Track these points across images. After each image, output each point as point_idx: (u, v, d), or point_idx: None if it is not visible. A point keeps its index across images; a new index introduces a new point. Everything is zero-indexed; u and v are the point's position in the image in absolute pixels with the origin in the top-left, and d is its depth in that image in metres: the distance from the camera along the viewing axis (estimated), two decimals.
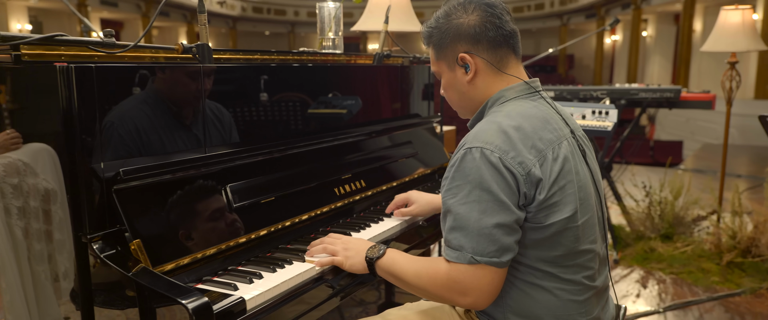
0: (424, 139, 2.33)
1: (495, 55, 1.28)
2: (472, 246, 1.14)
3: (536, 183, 1.15)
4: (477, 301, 1.18)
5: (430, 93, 2.43)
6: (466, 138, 1.21)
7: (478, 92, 1.31)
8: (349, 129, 1.92)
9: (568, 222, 1.18)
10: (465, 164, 1.16)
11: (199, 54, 1.39)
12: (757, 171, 6.97)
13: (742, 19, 3.35)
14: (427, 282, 1.21)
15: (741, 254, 3.37)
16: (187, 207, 1.27)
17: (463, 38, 1.27)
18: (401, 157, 2.10)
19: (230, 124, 1.47)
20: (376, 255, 1.31)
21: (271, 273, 1.30)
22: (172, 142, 1.32)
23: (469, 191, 1.15)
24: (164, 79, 1.29)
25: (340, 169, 1.79)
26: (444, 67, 1.34)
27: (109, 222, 1.17)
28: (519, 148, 1.15)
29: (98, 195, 1.16)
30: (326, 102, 1.84)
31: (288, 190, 1.55)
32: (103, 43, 1.20)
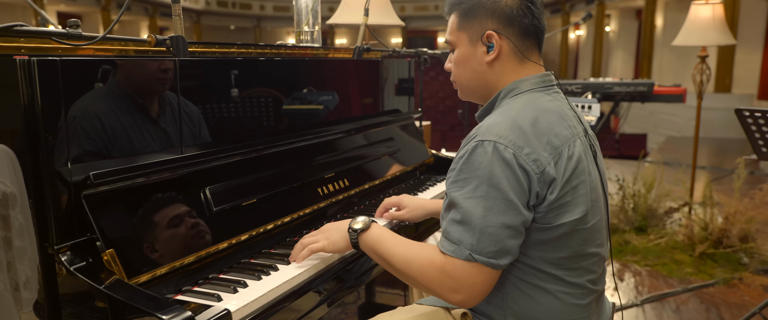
0: (406, 135, 2.27)
1: (522, 44, 1.21)
2: (471, 243, 1.08)
3: (549, 182, 1.10)
4: (467, 300, 1.12)
5: (411, 88, 2.37)
6: (478, 129, 1.14)
7: (495, 76, 1.23)
8: (329, 126, 1.84)
9: (577, 223, 1.13)
10: (475, 157, 1.09)
11: (173, 47, 1.29)
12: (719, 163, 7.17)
13: (713, 13, 3.39)
14: (417, 271, 1.14)
15: (713, 245, 3.43)
16: (163, 213, 1.18)
17: (497, 15, 1.19)
18: (383, 154, 2.03)
19: (200, 121, 1.37)
20: (359, 228, 1.25)
21: (257, 281, 1.22)
22: (145, 142, 1.22)
23: (476, 185, 1.08)
24: (136, 74, 1.19)
25: (322, 168, 1.71)
26: (464, 40, 1.24)
27: (77, 231, 1.07)
28: (534, 145, 1.09)
29: (65, 201, 1.06)
30: (306, 98, 1.76)
31: (269, 192, 1.47)
32: (69, 34, 1.09)
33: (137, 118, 1.20)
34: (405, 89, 2.33)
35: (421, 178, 2.24)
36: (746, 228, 3.36)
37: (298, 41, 2.14)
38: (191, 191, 1.27)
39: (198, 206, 1.26)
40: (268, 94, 1.58)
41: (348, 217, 1.69)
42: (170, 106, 1.27)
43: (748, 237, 3.37)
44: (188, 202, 1.25)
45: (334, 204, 1.69)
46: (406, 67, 2.34)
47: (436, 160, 2.36)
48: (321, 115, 1.82)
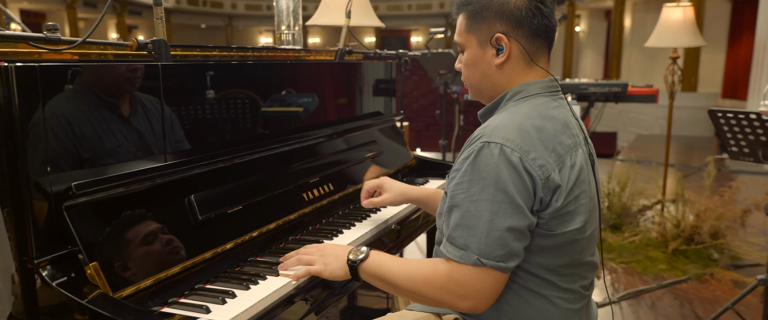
0: (388, 138, 2.25)
1: (532, 45, 1.19)
2: (479, 248, 1.07)
3: (554, 189, 1.09)
4: (476, 305, 1.11)
5: (392, 89, 2.36)
6: (483, 131, 1.12)
7: (504, 79, 1.21)
8: (312, 130, 1.82)
9: (577, 233, 1.13)
10: (481, 159, 1.08)
11: (155, 51, 1.26)
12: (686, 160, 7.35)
13: (684, 15, 3.47)
14: (423, 285, 1.13)
15: (685, 242, 3.51)
16: (148, 223, 1.14)
17: (506, 17, 1.17)
18: (366, 157, 2.02)
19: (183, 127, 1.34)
20: (359, 258, 1.21)
21: (245, 291, 1.19)
22: (127, 150, 1.18)
23: (482, 188, 1.07)
24: (118, 80, 1.15)
25: (307, 173, 1.69)
26: (473, 42, 1.22)
27: (58, 243, 1.03)
28: (540, 151, 1.09)
29: (45, 213, 1.01)
30: (290, 101, 1.73)
31: (254, 199, 1.44)
32: (48, 39, 1.05)
33: (119, 126, 1.16)
34: (386, 91, 2.32)
35: (403, 181, 2.23)
36: (716, 225, 3.45)
37: (279, 43, 2.11)
38: (176, 200, 1.23)
39: (183, 215, 1.23)
40: (251, 98, 1.55)
41: (335, 223, 1.68)
42: (153, 113, 1.23)
43: (718, 233, 3.46)
44: (173, 211, 1.21)
45: (317, 209, 1.67)
46: (388, 68, 2.32)
47: (418, 162, 2.36)
48: (304, 119, 1.79)
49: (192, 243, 1.22)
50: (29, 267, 1.00)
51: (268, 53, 1.82)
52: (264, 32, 23.96)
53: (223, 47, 1.61)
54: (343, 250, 1.26)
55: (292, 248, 1.41)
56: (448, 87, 4.23)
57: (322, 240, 1.51)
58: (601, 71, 16.50)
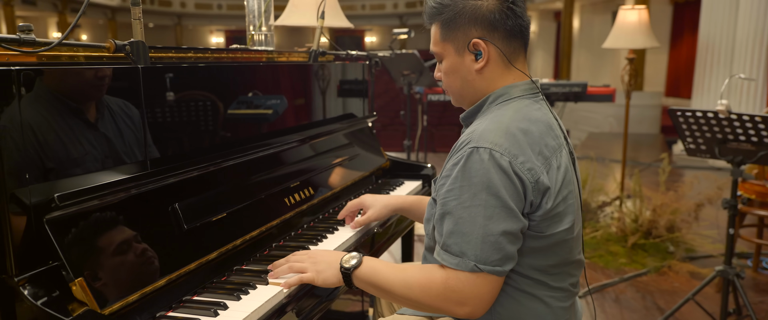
0: (363, 140, 2.24)
1: (508, 46, 1.19)
2: (475, 254, 1.06)
3: (544, 191, 1.10)
4: (474, 311, 1.11)
5: (365, 91, 2.34)
6: (470, 136, 1.12)
7: (485, 83, 1.21)
8: (289, 133, 1.78)
9: (566, 233, 1.15)
10: (471, 164, 1.08)
11: (133, 53, 1.19)
12: (635, 157, 7.63)
13: (639, 18, 3.60)
14: (419, 292, 1.12)
15: (643, 236, 3.64)
16: (133, 233, 1.09)
17: (480, 22, 1.16)
18: (344, 160, 1.99)
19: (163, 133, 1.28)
20: (353, 265, 1.19)
21: (236, 302, 1.15)
22: (107, 157, 1.12)
23: (474, 194, 1.07)
24: (96, 84, 1.09)
25: (287, 178, 1.65)
26: (450, 50, 1.21)
27: (38, 259, 0.96)
28: (528, 154, 1.09)
29: (23, 227, 0.95)
30: (265, 104, 1.69)
31: (237, 205, 1.39)
32: (21, 40, 0.98)
33: (96, 132, 1.10)
34: (359, 92, 2.30)
35: (379, 183, 2.21)
36: (672, 219, 3.59)
37: (251, 43, 2.05)
38: (160, 209, 1.18)
39: (168, 224, 1.18)
40: (225, 102, 1.50)
41: (316, 227, 1.65)
42: (134, 118, 1.17)
43: (674, 227, 3.60)
44: (158, 221, 1.16)
45: (298, 214, 1.63)
46: (360, 70, 2.31)
47: (391, 163, 2.35)
48: (281, 123, 1.75)
49: (177, 254, 1.17)
50: (10, 284, 0.93)
51: (243, 55, 1.77)
52: (215, 32, 23.45)
53: (198, 48, 1.55)
54: (334, 257, 1.24)
55: (277, 255, 1.38)
56: (411, 87, 4.24)
57: (308, 246, 1.48)
58: (552, 71, 16.96)
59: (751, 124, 2.37)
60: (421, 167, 2.36)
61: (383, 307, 1.68)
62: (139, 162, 1.18)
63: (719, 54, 6.18)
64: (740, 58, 5.96)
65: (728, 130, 2.45)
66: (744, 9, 5.86)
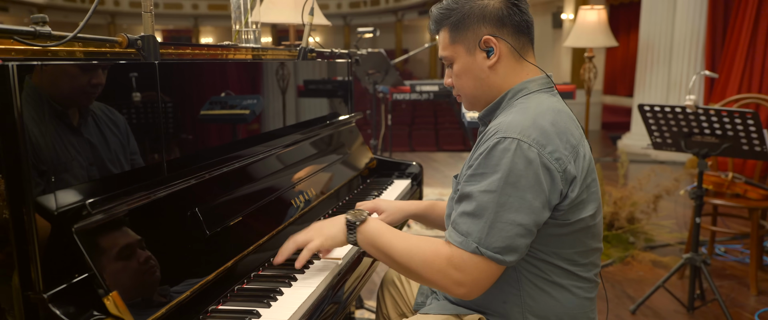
0: (352, 139, 2.20)
1: (518, 42, 1.20)
2: (480, 236, 1.08)
3: (571, 180, 1.11)
4: (469, 293, 1.12)
5: (350, 89, 2.31)
6: (498, 126, 1.12)
7: (498, 79, 1.22)
8: (286, 134, 1.72)
9: (590, 219, 1.17)
10: (496, 153, 1.08)
11: (145, 48, 1.12)
12: None
13: (598, 18, 3.73)
14: (420, 264, 1.13)
15: (606, 228, 3.78)
16: (158, 241, 1.01)
17: (488, 20, 1.18)
18: (338, 160, 1.95)
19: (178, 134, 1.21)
20: (358, 218, 1.21)
21: (267, 309, 1.09)
22: (124, 159, 1.04)
23: (492, 181, 1.08)
24: (115, 80, 1.01)
25: (289, 179, 1.59)
26: (461, 51, 1.22)
27: (63, 273, 0.88)
28: (556, 143, 1.10)
29: (47, 237, 0.86)
30: (261, 104, 1.62)
31: (249, 208, 1.33)
32: (37, 33, 0.89)
33: (115, 131, 1.02)
34: (344, 91, 2.26)
35: (368, 182, 2.18)
36: (632, 211, 3.75)
37: (237, 40, 1.97)
38: (181, 214, 1.10)
39: (190, 230, 1.11)
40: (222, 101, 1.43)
41: None
42: (151, 116, 1.09)
43: (634, 218, 3.76)
44: (181, 227, 1.09)
45: (301, 217, 1.57)
46: (345, 68, 2.27)
47: (378, 163, 2.32)
48: (279, 123, 1.70)
49: (201, 261, 1.10)
50: (34, 301, 0.84)
51: (235, 52, 1.69)
52: None
53: (195, 45, 1.47)
54: (338, 218, 1.26)
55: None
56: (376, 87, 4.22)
57: None
58: None
59: (716, 117, 2.50)
60: (407, 165, 2.35)
61: (389, 309, 1.66)
62: (156, 164, 1.10)
63: (659, 53, 6.51)
64: (678, 56, 6.30)
65: (694, 124, 2.58)
66: (681, 10, 6.20)
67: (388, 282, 1.66)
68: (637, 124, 6.94)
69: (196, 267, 1.07)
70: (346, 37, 20.61)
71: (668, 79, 6.43)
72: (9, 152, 0.80)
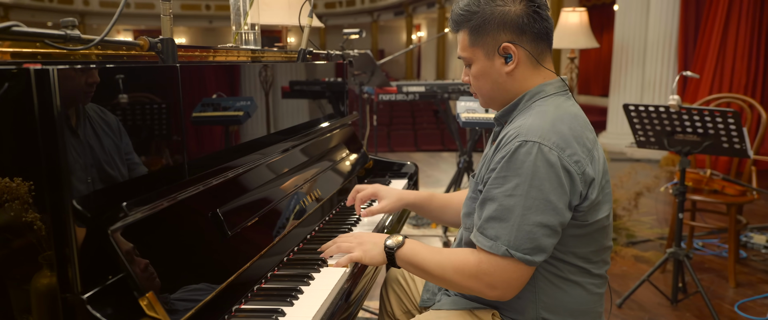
0: (350, 140, 2.22)
1: (536, 48, 1.23)
2: (509, 239, 1.11)
3: (590, 182, 1.15)
4: (503, 294, 1.16)
5: (346, 90, 2.33)
6: (518, 130, 1.15)
7: (515, 84, 1.25)
8: (292, 135, 1.74)
9: (605, 220, 1.21)
10: (518, 156, 1.12)
11: (163, 51, 1.12)
12: None
13: (580, 19, 3.82)
14: (453, 273, 1.18)
15: None
16: (187, 241, 1.03)
17: (509, 27, 1.20)
18: (340, 161, 1.97)
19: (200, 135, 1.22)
20: (396, 244, 1.26)
21: (290, 307, 1.11)
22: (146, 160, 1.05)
23: (517, 184, 1.11)
24: (138, 83, 1.02)
25: (296, 180, 1.61)
26: (480, 55, 1.24)
27: (98, 274, 0.88)
28: (574, 147, 1.14)
29: (83, 238, 0.87)
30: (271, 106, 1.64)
31: (263, 210, 1.35)
32: (67, 37, 0.89)
33: (141, 133, 1.02)
34: (341, 92, 2.28)
35: (366, 182, 2.21)
36: (614, 208, 3.84)
37: (237, 42, 1.97)
38: (204, 215, 1.12)
39: (213, 231, 1.12)
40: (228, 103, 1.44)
41: (325, 228, 1.63)
42: (173, 119, 1.10)
43: (616, 215, 3.86)
44: (204, 227, 1.10)
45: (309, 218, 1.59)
46: (341, 69, 2.29)
47: (374, 163, 2.35)
48: (286, 123, 1.71)
49: (224, 261, 1.11)
50: (73, 303, 0.84)
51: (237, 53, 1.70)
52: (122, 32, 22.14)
53: (203, 47, 1.48)
54: (378, 238, 1.32)
55: (303, 257, 1.37)
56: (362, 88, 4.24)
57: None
58: None
59: (698, 117, 2.60)
60: (401, 165, 2.38)
61: (394, 307, 1.68)
62: (178, 165, 1.11)
63: (633, 54, 6.67)
64: (652, 57, 6.48)
65: (677, 123, 2.67)
66: (654, 13, 6.37)
67: (392, 280, 1.68)
68: (613, 123, 7.10)
69: (220, 266, 1.09)
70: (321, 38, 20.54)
71: (643, 79, 6.60)
72: (49, 155, 0.80)
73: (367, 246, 1.30)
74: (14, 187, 0.80)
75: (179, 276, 0.97)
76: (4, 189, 0.80)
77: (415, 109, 13.11)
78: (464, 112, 2.68)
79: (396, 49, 21.83)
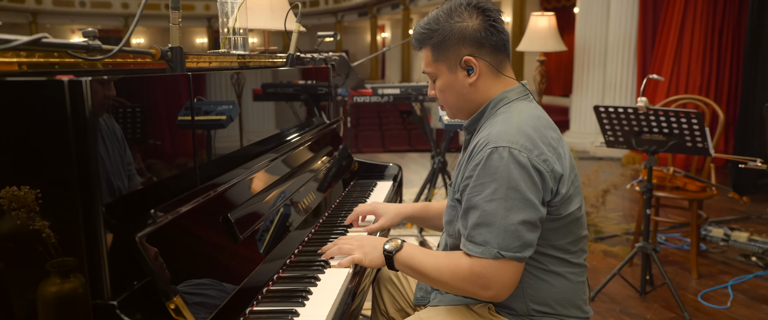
0: (337, 142, 2.26)
1: (496, 59, 1.31)
2: (498, 242, 1.17)
3: (559, 178, 1.22)
4: (498, 294, 1.23)
5: (332, 94, 2.36)
6: (487, 138, 1.22)
7: (479, 94, 1.32)
8: (284, 138, 1.77)
9: (577, 212, 1.29)
10: (492, 162, 1.18)
11: (173, 59, 1.15)
12: None
13: (548, 23, 3.95)
14: (449, 276, 1.24)
15: None
16: (205, 245, 1.05)
17: (468, 41, 1.28)
18: (331, 165, 2.01)
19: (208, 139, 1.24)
20: (394, 248, 1.31)
21: (302, 308, 1.15)
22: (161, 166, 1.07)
23: (495, 189, 1.17)
24: (156, 90, 1.04)
25: (294, 184, 1.64)
26: (443, 69, 1.32)
27: (125, 279, 0.90)
28: (541, 147, 1.21)
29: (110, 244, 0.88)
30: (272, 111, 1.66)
31: (268, 212, 1.38)
32: (89, 47, 0.91)
33: (158, 140, 1.04)
34: (327, 96, 2.32)
35: (352, 185, 2.25)
36: None
37: (226, 46, 1.98)
38: (220, 219, 1.14)
39: (226, 235, 1.15)
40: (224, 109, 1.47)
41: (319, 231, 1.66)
42: (182, 125, 1.12)
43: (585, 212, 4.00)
44: (220, 232, 1.12)
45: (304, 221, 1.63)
46: (327, 73, 2.32)
47: (359, 165, 2.39)
48: (281, 127, 1.74)
49: (238, 265, 1.14)
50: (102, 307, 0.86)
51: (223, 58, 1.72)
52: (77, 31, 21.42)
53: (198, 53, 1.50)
54: (378, 241, 1.37)
55: (303, 260, 1.40)
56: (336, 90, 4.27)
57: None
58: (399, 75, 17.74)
59: (664, 117, 2.74)
60: (384, 167, 2.43)
61: (387, 306, 1.73)
62: (189, 170, 1.13)
63: (594, 56, 6.91)
64: (613, 59, 6.72)
65: (644, 123, 2.81)
66: (614, 15, 6.61)
67: (385, 279, 1.73)
68: (576, 123, 7.33)
69: (235, 269, 1.11)
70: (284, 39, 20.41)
71: (604, 81, 6.84)
72: (81, 163, 0.82)
73: (366, 248, 1.36)
74: (21, 195, 0.80)
75: (199, 279, 1.00)
76: (11, 197, 0.80)
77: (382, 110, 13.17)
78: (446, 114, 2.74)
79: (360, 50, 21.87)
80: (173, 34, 1.16)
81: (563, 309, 1.32)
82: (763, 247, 3.51)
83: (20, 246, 0.85)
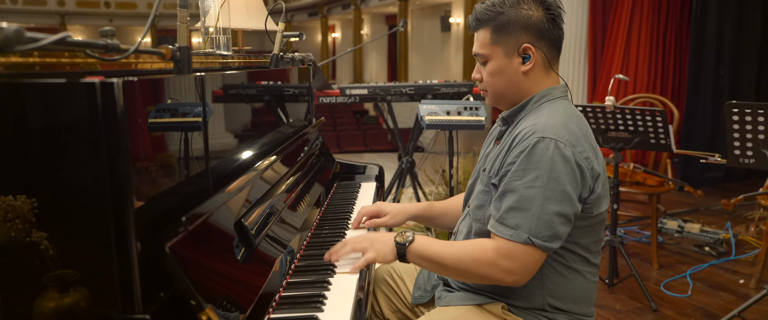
0: (320, 144, 2.23)
1: (551, 53, 1.33)
2: (530, 228, 1.20)
3: (596, 177, 1.26)
4: (520, 280, 1.25)
5: (312, 95, 2.33)
6: (534, 127, 1.23)
7: (529, 84, 1.33)
8: (276, 141, 1.73)
9: (604, 213, 1.33)
10: (537, 151, 1.20)
11: (180, 60, 1.10)
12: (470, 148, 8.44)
13: None
14: (470, 262, 1.24)
15: None
16: (226, 252, 1.01)
17: (531, 30, 1.29)
18: (316, 165, 1.98)
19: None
20: (406, 241, 1.31)
21: (321, 313, 1.13)
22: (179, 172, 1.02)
23: (536, 176, 1.19)
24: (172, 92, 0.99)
25: (287, 187, 1.61)
26: (499, 53, 1.31)
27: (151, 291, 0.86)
28: (584, 144, 1.24)
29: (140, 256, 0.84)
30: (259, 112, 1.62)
31: (275, 216, 1.34)
32: (108, 46, 0.86)
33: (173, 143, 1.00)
34: (308, 97, 2.29)
35: (336, 186, 2.23)
36: None
37: (208, 46, 1.92)
38: (231, 225, 1.10)
39: (242, 241, 1.11)
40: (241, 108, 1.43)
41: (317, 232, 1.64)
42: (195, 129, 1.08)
43: None
44: (235, 238, 1.09)
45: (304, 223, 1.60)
46: (307, 73, 2.29)
47: (340, 166, 2.37)
48: (271, 129, 1.70)
49: (255, 271, 1.11)
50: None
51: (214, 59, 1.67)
52: None
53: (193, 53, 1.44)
54: (387, 236, 1.35)
55: (307, 263, 1.38)
56: None
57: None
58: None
59: (630, 115, 2.85)
60: (364, 167, 2.43)
61: (382, 307, 1.72)
62: (201, 175, 1.09)
63: None
64: (564, 60, 6.94)
65: (611, 121, 2.92)
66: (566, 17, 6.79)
67: (379, 280, 1.72)
68: None
69: (252, 276, 1.08)
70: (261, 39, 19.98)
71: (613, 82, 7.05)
72: (113, 170, 0.77)
73: (377, 245, 1.34)
74: (17, 205, 0.75)
75: (225, 287, 0.96)
76: (7, 207, 0.75)
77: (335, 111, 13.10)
78: (427, 114, 2.77)
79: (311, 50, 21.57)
80: (181, 33, 1.12)
81: (576, 307, 1.35)
82: (714, 237, 3.71)
83: (18, 258, 0.79)
